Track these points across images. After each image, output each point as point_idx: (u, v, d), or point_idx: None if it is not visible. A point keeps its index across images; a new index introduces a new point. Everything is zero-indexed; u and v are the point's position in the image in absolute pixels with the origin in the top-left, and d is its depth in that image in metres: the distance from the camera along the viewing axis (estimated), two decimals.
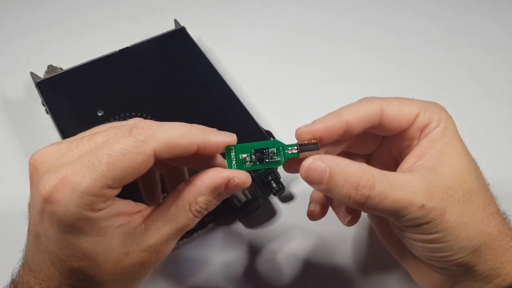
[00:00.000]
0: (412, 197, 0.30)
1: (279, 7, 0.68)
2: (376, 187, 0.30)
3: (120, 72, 0.51)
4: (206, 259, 0.44)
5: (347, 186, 0.30)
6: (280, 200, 0.48)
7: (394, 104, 0.34)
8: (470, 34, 0.66)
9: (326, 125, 0.33)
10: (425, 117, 0.34)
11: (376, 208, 0.31)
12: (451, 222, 0.31)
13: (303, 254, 0.45)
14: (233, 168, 0.32)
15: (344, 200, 0.31)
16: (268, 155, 0.32)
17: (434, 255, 0.33)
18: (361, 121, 0.33)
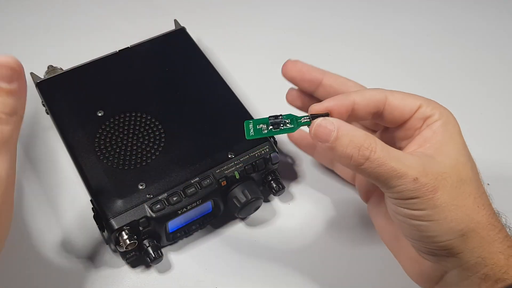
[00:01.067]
0: (407, 169, 0.32)
1: (279, 7, 0.68)
2: (377, 152, 0.32)
3: (120, 73, 0.51)
4: (206, 258, 0.44)
5: (351, 146, 0.33)
6: (280, 200, 0.48)
7: (397, 94, 0.37)
8: (470, 34, 0.66)
9: (336, 102, 0.36)
10: (427, 109, 0.36)
11: (373, 172, 0.33)
12: (442, 201, 0.33)
13: (303, 254, 0.45)
14: (250, 135, 0.36)
15: (346, 159, 0.33)
16: (282, 123, 0.36)
17: (422, 234, 0.34)
18: (367, 103, 0.37)
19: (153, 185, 0.42)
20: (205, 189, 0.42)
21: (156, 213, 0.40)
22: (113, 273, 0.43)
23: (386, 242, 0.41)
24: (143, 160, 0.43)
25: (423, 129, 0.36)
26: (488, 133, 0.55)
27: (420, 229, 0.34)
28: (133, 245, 0.40)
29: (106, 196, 0.41)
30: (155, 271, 0.43)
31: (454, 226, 0.33)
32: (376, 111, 0.37)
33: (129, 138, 0.45)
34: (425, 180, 0.33)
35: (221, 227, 0.46)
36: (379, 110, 0.37)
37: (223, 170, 0.43)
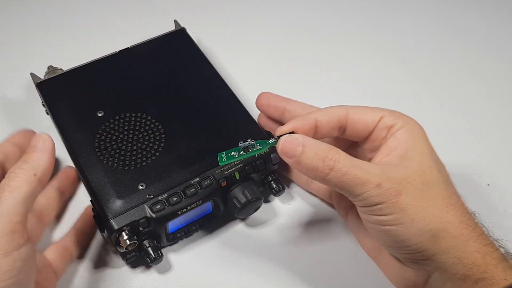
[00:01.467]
0: (370, 176, 0.34)
1: (279, 7, 0.68)
2: (340, 162, 0.34)
3: (120, 73, 0.51)
4: (206, 259, 0.44)
5: (316, 158, 0.34)
6: (280, 201, 0.48)
7: (358, 108, 0.39)
8: (470, 34, 0.66)
9: (300, 121, 0.38)
10: (389, 118, 0.38)
11: (338, 182, 0.34)
12: (407, 204, 0.34)
13: (303, 254, 0.45)
14: (223, 161, 0.38)
15: (312, 171, 0.35)
16: (252, 146, 0.38)
17: (394, 239, 0.35)
18: (329, 119, 0.39)
19: (153, 186, 0.42)
20: (205, 190, 0.42)
21: (156, 213, 0.40)
22: (113, 273, 0.43)
23: (370, 254, 0.42)
24: (143, 160, 0.43)
25: (388, 138, 0.38)
26: (488, 133, 0.55)
27: (391, 234, 0.35)
28: (133, 246, 0.40)
29: (106, 196, 0.41)
30: (155, 271, 0.43)
31: (422, 227, 0.34)
32: (339, 126, 0.39)
33: (129, 139, 0.45)
34: (388, 185, 0.34)
35: (221, 227, 0.46)
36: (343, 125, 0.39)
37: (223, 171, 0.43)
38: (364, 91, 0.58)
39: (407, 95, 0.58)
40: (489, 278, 0.33)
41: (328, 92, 0.58)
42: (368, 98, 0.57)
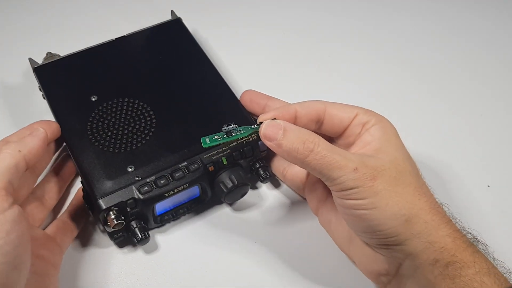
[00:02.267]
0: (348, 161, 0.35)
1: (277, 4, 0.69)
2: (319, 145, 0.36)
3: (115, 60, 0.52)
4: (192, 241, 0.45)
5: (297, 141, 0.36)
6: (267, 188, 0.49)
7: (336, 105, 0.41)
8: (470, 35, 0.66)
9: (280, 111, 0.40)
10: (364, 116, 0.40)
11: (317, 164, 0.36)
12: (381, 188, 0.35)
13: (288, 239, 0.46)
14: (207, 143, 0.40)
15: (293, 153, 0.36)
16: (236, 130, 0.40)
17: (367, 224, 0.36)
18: (308, 111, 0.41)
19: (142, 168, 0.43)
20: (192, 173, 0.43)
21: (143, 195, 0.41)
22: (101, 252, 0.44)
23: (341, 246, 0.43)
24: (133, 144, 0.45)
25: (362, 133, 0.40)
26: (488, 135, 0.55)
27: (365, 219, 0.36)
28: (120, 226, 0.41)
29: (95, 177, 0.42)
30: (142, 251, 0.44)
31: (396, 212, 0.35)
32: (317, 120, 0.41)
33: (121, 123, 0.46)
34: (364, 170, 0.35)
35: (208, 211, 0.47)
36: (320, 119, 0.41)
37: (210, 156, 0.44)
38: (363, 91, 0.58)
39: (407, 95, 0.58)
40: (458, 262, 0.34)
41: (318, 83, 0.59)
42: (368, 98, 0.57)
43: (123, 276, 0.43)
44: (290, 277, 0.43)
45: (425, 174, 0.40)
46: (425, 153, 0.52)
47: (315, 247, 0.45)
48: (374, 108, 0.41)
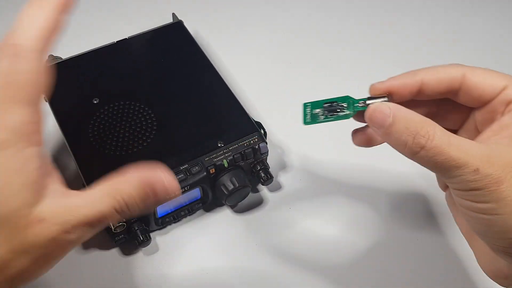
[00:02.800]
0: (468, 159, 0.30)
1: (278, 5, 0.69)
2: (434, 140, 0.30)
3: (117, 63, 0.52)
4: (193, 243, 0.45)
5: (406, 132, 0.30)
6: (268, 190, 0.49)
7: (478, 72, 0.34)
8: (471, 39, 0.66)
9: (400, 82, 0.34)
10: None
11: (429, 161, 0.30)
12: (507, 194, 0.30)
13: (289, 242, 0.46)
14: (307, 122, 0.35)
15: (401, 146, 0.31)
16: (338, 108, 0.34)
17: (488, 229, 0.31)
18: (437, 83, 0.33)
19: None
20: (193, 176, 0.43)
21: None
22: (102, 254, 0.44)
23: (464, 235, 0.38)
24: (135, 146, 0.45)
25: (505, 114, 0.32)
26: None
27: (486, 223, 0.31)
28: (122, 228, 0.41)
29: (96, 179, 0.42)
30: (143, 253, 0.45)
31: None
32: (450, 90, 0.34)
33: (122, 126, 0.46)
34: (488, 170, 0.29)
35: (209, 213, 0.47)
36: (454, 89, 0.34)
37: (212, 158, 0.44)
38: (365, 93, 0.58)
39: None
40: None
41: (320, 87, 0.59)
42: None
43: (124, 278, 0.43)
44: (291, 279, 0.44)
45: None
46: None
47: (316, 250, 0.45)
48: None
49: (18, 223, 0.27)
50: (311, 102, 0.35)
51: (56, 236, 0.28)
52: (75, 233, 0.29)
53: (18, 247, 0.28)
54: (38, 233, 0.28)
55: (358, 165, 0.51)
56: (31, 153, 0.29)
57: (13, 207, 0.27)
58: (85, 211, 0.29)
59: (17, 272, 0.28)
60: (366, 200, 0.49)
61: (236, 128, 0.46)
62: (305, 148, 0.53)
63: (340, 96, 0.34)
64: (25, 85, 0.29)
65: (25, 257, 0.28)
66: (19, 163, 0.28)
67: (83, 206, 0.29)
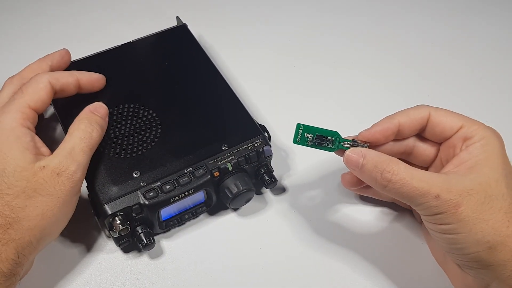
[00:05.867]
0: (429, 188, 0.35)
1: (281, 6, 0.69)
2: (398, 174, 0.36)
3: (121, 66, 0.52)
4: (197, 247, 0.45)
5: (375, 170, 0.37)
6: (272, 193, 0.49)
7: (441, 111, 0.40)
8: (475, 42, 0.66)
9: (382, 127, 0.40)
10: (468, 130, 0.39)
11: (397, 192, 0.36)
12: (465, 215, 0.35)
13: (293, 245, 0.46)
14: (296, 142, 0.41)
15: (372, 182, 0.38)
16: (326, 142, 0.41)
17: (452, 247, 0.36)
18: (411, 123, 0.40)
19: (147, 174, 0.43)
20: (198, 179, 0.43)
21: (149, 200, 0.42)
22: (107, 257, 0.44)
23: (436, 258, 0.44)
24: (139, 149, 0.45)
25: (462, 149, 0.38)
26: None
27: (450, 242, 0.36)
28: (126, 231, 0.41)
29: (101, 182, 0.42)
30: (147, 257, 0.44)
31: (480, 239, 0.35)
32: (420, 128, 0.41)
33: (127, 128, 0.46)
34: (447, 196, 0.35)
35: (213, 217, 0.47)
36: (423, 127, 0.41)
37: (216, 162, 0.44)
38: (367, 96, 0.59)
39: (409, 99, 0.58)
40: None
41: (322, 89, 0.59)
42: (370, 103, 0.58)
43: (128, 281, 0.43)
44: (295, 282, 0.43)
45: None
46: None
47: (318, 253, 0.45)
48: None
49: (27, 175, 0.37)
50: (304, 125, 0.41)
51: (57, 171, 0.38)
52: (72, 162, 0.39)
53: (31, 192, 0.37)
54: (44, 176, 0.38)
55: None
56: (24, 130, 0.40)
57: (20, 165, 0.38)
58: (64, 147, 0.40)
59: (37, 216, 0.37)
60: (371, 204, 0.49)
61: (240, 131, 0.46)
62: (309, 151, 0.52)
63: (331, 130, 0.41)
64: (30, 94, 0.43)
65: (39, 199, 0.37)
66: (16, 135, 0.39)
67: (61, 146, 0.40)
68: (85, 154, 0.41)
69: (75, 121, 0.42)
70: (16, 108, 0.40)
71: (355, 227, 0.47)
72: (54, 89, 0.44)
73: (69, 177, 0.39)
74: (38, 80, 0.43)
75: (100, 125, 0.43)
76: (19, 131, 0.39)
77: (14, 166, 0.37)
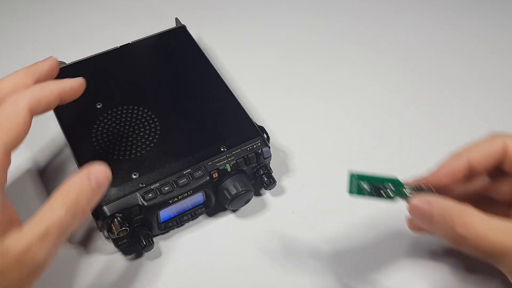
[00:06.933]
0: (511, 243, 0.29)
1: (280, 8, 0.69)
2: (473, 229, 0.30)
3: (120, 67, 0.52)
4: (196, 248, 0.45)
5: (444, 223, 0.31)
6: (271, 194, 0.49)
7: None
8: (473, 42, 0.66)
9: (449, 169, 0.34)
10: None
11: (473, 251, 0.30)
12: None
13: (292, 247, 0.46)
14: (352, 192, 0.36)
15: (442, 236, 0.32)
16: (384, 190, 0.35)
17: None
18: (484, 159, 0.34)
19: (146, 175, 0.43)
20: (196, 180, 0.43)
21: (148, 201, 0.42)
22: (105, 259, 0.44)
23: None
24: (138, 151, 0.45)
25: None
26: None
27: None
28: (125, 232, 0.41)
29: None
30: (146, 258, 0.44)
31: None
32: (497, 162, 0.34)
33: (125, 130, 0.46)
34: None
35: (212, 218, 0.47)
36: (499, 161, 0.34)
37: (215, 163, 0.44)
38: (367, 96, 0.59)
39: (409, 101, 0.58)
40: None
41: (321, 93, 0.59)
42: (370, 103, 0.58)
43: (127, 283, 0.43)
44: (293, 283, 0.43)
45: None
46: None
47: (318, 255, 0.45)
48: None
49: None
50: (358, 174, 0.36)
51: (21, 259, 0.29)
52: (41, 250, 0.30)
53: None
54: (3, 262, 0.29)
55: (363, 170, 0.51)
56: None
57: None
58: (39, 227, 0.30)
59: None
60: (370, 206, 0.48)
61: (239, 133, 0.46)
62: (308, 152, 0.53)
63: (389, 178, 0.35)
64: (6, 132, 0.31)
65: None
66: None
67: (36, 223, 0.30)
68: (60, 241, 0.32)
69: (63, 190, 0.32)
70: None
71: (355, 228, 0.47)
72: (34, 113, 0.35)
73: (34, 268, 0.30)
74: (16, 110, 0.33)
75: (92, 202, 0.33)
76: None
77: None
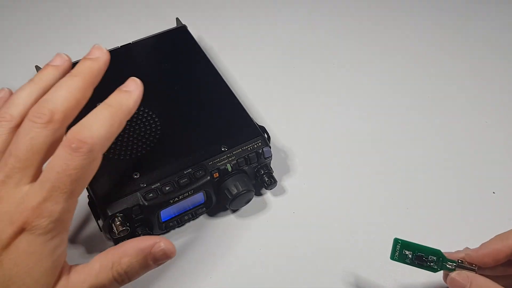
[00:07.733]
0: None
1: (281, 8, 0.69)
2: None
3: (121, 67, 0.52)
4: (196, 248, 0.45)
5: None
6: (272, 194, 0.49)
7: None
8: (474, 42, 0.66)
9: (493, 249, 0.35)
10: None
11: None
12: None
13: (293, 247, 0.46)
14: (394, 258, 0.37)
15: None
16: (427, 262, 0.37)
17: None
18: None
19: (147, 175, 0.43)
20: (197, 180, 0.43)
21: (148, 201, 0.42)
22: None
23: None
24: (139, 151, 0.45)
25: None
26: (493, 141, 0.54)
27: None
28: (126, 232, 0.41)
29: (101, 184, 0.42)
30: None
31: None
32: None
33: (126, 130, 0.46)
34: None
35: (213, 218, 0.47)
36: None
37: (216, 163, 0.44)
38: (369, 96, 0.59)
39: (410, 101, 0.58)
40: None
41: (321, 92, 0.59)
42: (372, 103, 0.58)
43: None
44: (294, 283, 0.43)
45: None
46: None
47: (319, 255, 0.45)
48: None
49: None
50: (402, 240, 0.37)
51: None
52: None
53: None
54: None
55: (363, 170, 0.51)
56: (61, 239, 0.31)
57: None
58: (97, 276, 0.32)
59: None
60: (371, 205, 0.49)
61: (240, 133, 0.46)
62: (309, 152, 0.53)
63: (432, 248, 0.37)
64: (77, 180, 0.30)
65: None
66: (50, 249, 0.30)
67: (87, 282, 0.32)
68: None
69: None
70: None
71: (356, 229, 0.47)
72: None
73: None
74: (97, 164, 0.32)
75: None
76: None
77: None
